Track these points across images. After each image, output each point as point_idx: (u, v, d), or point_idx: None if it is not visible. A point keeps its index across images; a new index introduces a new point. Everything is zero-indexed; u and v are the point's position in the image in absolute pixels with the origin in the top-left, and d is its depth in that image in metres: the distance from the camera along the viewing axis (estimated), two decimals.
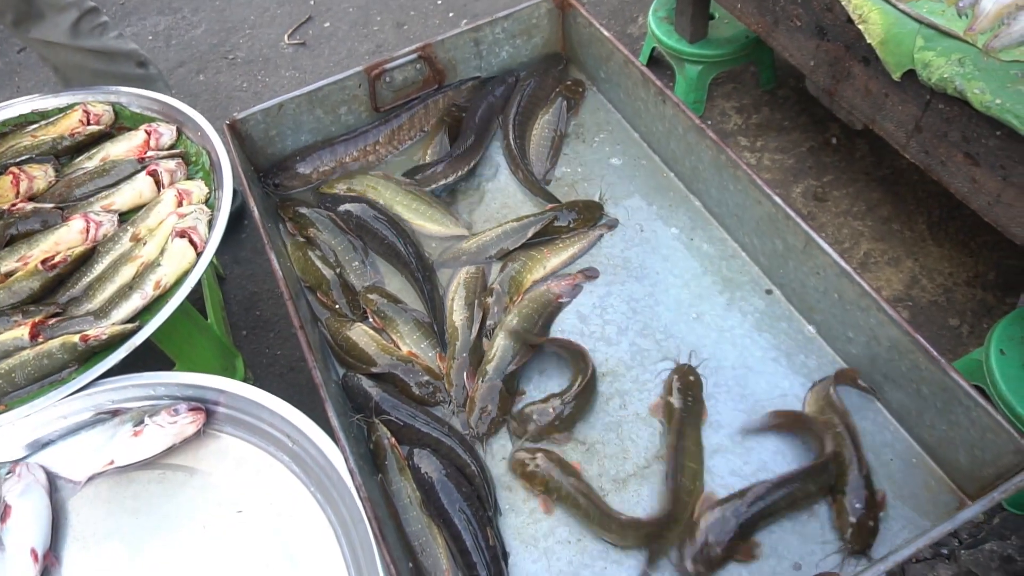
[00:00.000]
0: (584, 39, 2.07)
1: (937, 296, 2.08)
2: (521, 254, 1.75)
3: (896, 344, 1.36)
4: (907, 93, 1.53)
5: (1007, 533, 1.67)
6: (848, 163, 2.40)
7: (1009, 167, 1.37)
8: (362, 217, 1.84)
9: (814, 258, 1.48)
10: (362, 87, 1.99)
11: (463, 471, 1.44)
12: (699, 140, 1.69)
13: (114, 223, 1.76)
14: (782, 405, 1.49)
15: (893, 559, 1.10)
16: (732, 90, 2.68)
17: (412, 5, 3.37)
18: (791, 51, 1.80)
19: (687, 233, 1.78)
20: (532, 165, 1.95)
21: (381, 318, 1.68)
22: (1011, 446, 1.21)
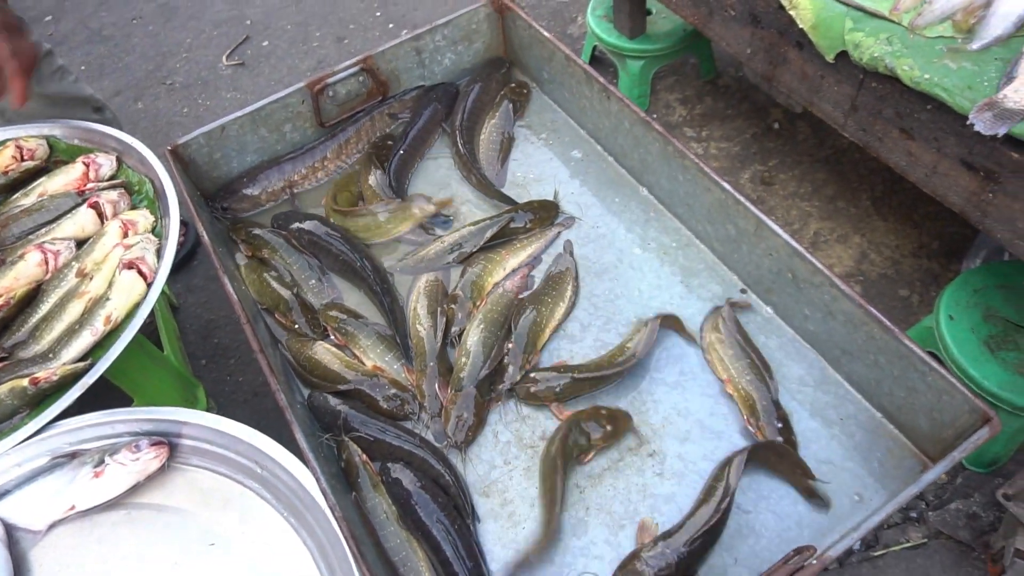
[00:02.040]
0: (525, 41, 2.09)
1: (886, 269, 2.14)
2: (480, 257, 1.75)
3: (851, 317, 1.39)
4: (841, 74, 1.57)
5: (970, 491, 1.73)
6: (791, 147, 2.46)
7: (942, 139, 1.42)
8: (315, 234, 1.81)
9: (766, 240, 1.51)
10: (305, 103, 1.97)
11: (438, 482, 1.43)
12: (646, 133, 1.72)
13: (71, 249, 1.70)
14: None
15: (865, 526, 1.13)
16: (675, 83, 2.72)
17: (351, 19, 3.35)
18: (727, 40, 1.84)
19: (641, 226, 1.80)
20: (484, 169, 1.95)
21: (343, 334, 1.66)
22: (967, 406, 1.25)
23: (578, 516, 1.40)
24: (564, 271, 1.71)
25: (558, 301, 1.65)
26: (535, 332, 1.60)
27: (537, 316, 1.61)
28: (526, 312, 1.62)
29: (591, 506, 1.41)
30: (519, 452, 1.49)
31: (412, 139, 2.00)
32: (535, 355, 1.59)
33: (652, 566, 1.25)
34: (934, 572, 1.64)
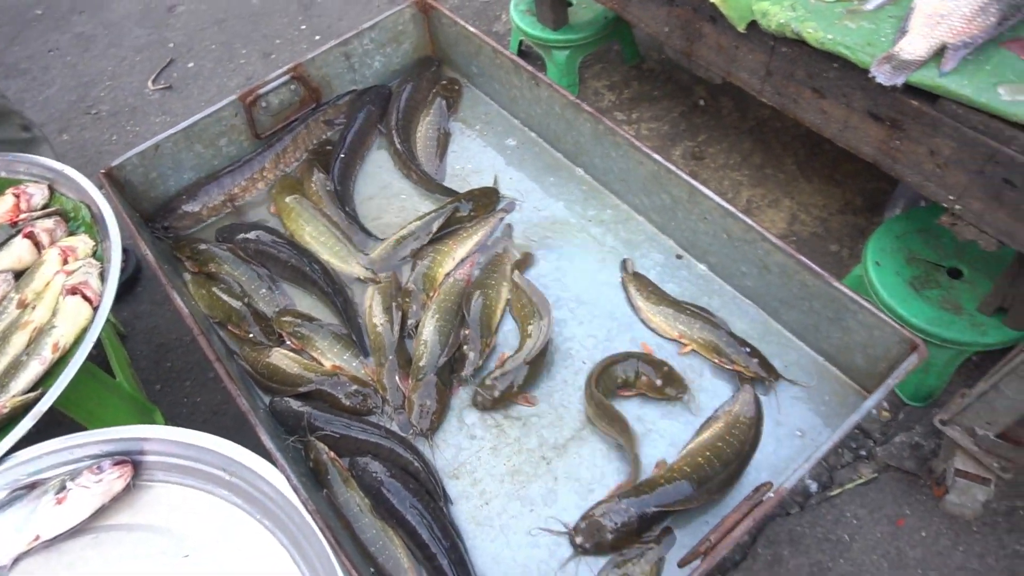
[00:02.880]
0: (452, 39, 2.13)
1: (816, 228, 2.25)
2: (429, 250, 1.78)
3: (784, 268, 1.47)
4: (753, 43, 1.66)
5: (911, 424, 1.83)
6: (717, 121, 2.56)
7: (849, 94, 1.52)
8: (261, 243, 1.81)
9: (699, 204, 1.58)
10: (239, 116, 1.97)
11: (407, 469, 1.46)
12: (576, 115, 1.77)
13: (9, 281, 1.66)
14: None
15: (814, 457, 1.20)
16: (601, 70, 2.80)
17: (276, 34, 3.34)
18: (646, 21, 1.92)
19: (581, 205, 1.85)
20: (423, 165, 1.98)
21: (298, 339, 1.67)
22: (895, 337, 1.34)
23: (547, 486, 1.44)
24: (501, 253, 1.75)
25: (501, 282, 1.69)
26: (487, 315, 1.64)
27: (485, 300, 1.65)
28: (475, 298, 1.65)
29: (559, 476, 1.45)
30: (484, 433, 1.52)
31: (350, 143, 2.01)
32: (492, 337, 1.63)
33: (613, 520, 1.30)
34: (886, 502, 1.73)
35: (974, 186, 1.39)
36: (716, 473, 1.32)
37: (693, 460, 1.35)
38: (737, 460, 1.34)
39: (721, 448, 1.35)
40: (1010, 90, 1.31)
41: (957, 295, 1.74)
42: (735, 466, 1.34)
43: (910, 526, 1.70)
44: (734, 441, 1.36)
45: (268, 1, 3.52)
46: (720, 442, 1.36)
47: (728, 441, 1.36)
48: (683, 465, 1.35)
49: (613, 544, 1.31)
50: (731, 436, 1.36)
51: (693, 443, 1.40)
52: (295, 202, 1.90)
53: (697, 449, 1.37)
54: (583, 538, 1.32)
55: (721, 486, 1.33)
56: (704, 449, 1.36)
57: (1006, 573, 1.61)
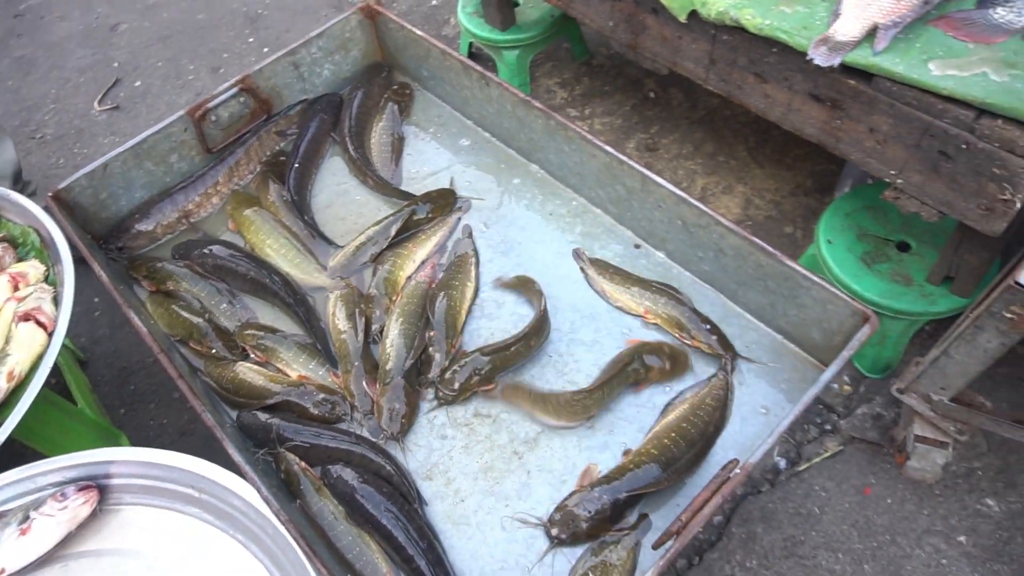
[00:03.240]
0: (400, 43, 2.13)
1: (770, 211, 2.30)
2: (389, 254, 1.78)
3: (738, 250, 1.51)
4: (696, 32, 1.69)
5: (872, 396, 1.88)
6: (668, 112, 2.60)
7: (790, 77, 1.56)
8: (219, 258, 1.80)
9: (653, 193, 1.61)
10: (188, 131, 1.94)
11: (380, 474, 1.45)
12: (528, 112, 1.79)
13: None
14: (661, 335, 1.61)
15: (777, 431, 1.22)
16: (552, 68, 2.82)
17: (223, 48, 3.30)
18: (591, 17, 1.94)
19: (538, 201, 1.87)
20: (379, 170, 1.98)
21: (262, 351, 1.65)
22: (848, 310, 1.38)
23: (521, 481, 1.45)
24: (464, 254, 1.76)
25: (465, 282, 1.70)
26: (452, 316, 1.64)
27: (450, 301, 1.66)
28: (439, 299, 1.66)
29: (532, 469, 1.46)
30: (455, 432, 1.53)
31: (304, 152, 2.00)
32: (458, 338, 1.63)
33: (586, 508, 1.31)
34: (852, 473, 1.78)
35: (913, 160, 1.44)
36: (683, 453, 1.35)
37: (660, 442, 1.37)
38: (702, 440, 1.37)
39: (686, 429, 1.38)
40: (940, 65, 1.36)
41: (906, 267, 1.79)
42: (701, 445, 1.36)
43: (876, 494, 1.74)
44: (698, 421, 1.38)
45: (214, 16, 3.48)
46: (685, 423, 1.38)
47: (693, 422, 1.38)
48: (650, 448, 1.37)
49: (589, 532, 1.32)
50: (695, 417, 1.39)
51: (659, 425, 1.43)
52: (254, 215, 1.89)
53: (663, 431, 1.39)
54: (559, 529, 1.33)
55: (689, 465, 1.36)
56: (670, 431, 1.38)
57: (969, 531, 1.67)
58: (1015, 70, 1.33)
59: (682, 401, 1.46)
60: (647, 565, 1.30)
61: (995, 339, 1.33)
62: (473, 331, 1.67)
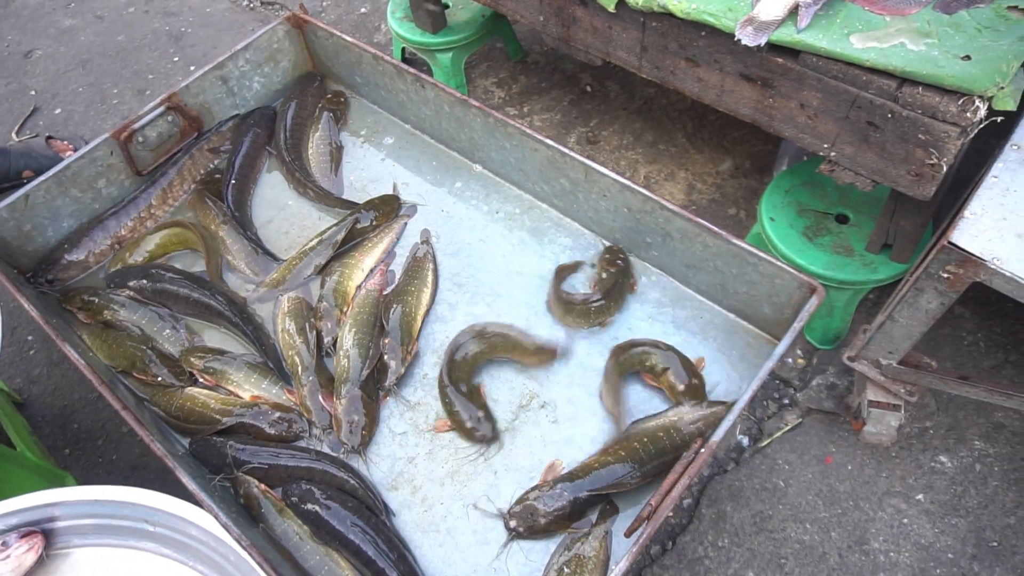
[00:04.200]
0: (330, 51, 2.09)
1: (713, 195, 2.34)
2: (335, 264, 1.74)
3: (685, 233, 1.52)
4: (625, 21, 1.70)
5: (825, 367, 1.92)
6: (606, 105, 2.62)
7: (721, 60, 1.58)
8: (158, 281, 1.73)
9: (597, 183, 1.61)
10: (115, 154, 1.87)
11: (343, 488, 1.42)
12: (465, 112, 1.78)
13: None
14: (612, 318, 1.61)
15: (736, 408, 1.24)
16: (487, 68, 2.82)
17: (148, 68, 3.19)
18: (520, 13, 1.94)
19: (484, 200, 1.86)
20: (319, 181, 1.94)
21: (211, 374, 1.60)
22: (795, 283, 1.40)
23: (489, 482, 1.43)
24: (421, 258, 1.73)
25: (421, 288, 1.67)
26: (407, 323, 1.62)
27: (405, 307, 1.63)
28: (394, 306, 1.63)
29: (498, 469, 1.44)
30: (417, 439, 1.50)
31: (240, 168, 1.95)
32: (413, 345, 1.60)
33: (547, 504, 1.30)
34: (812, 443, 1.81)
35: (843, 132, 1.48)
36: (650, 460, 1.34)
37: (629, 445, 1.36)
38: (672, 454, 1.35)
39: (661, 439, 1.37)
40: (860, 38, 1.40)
41: (847, 238, 1.84)
42: (669, 459, 1.34)
43: (837, 462, 1.78)
44: (677, 438, 1.37)
45: (134, 36, 3.36)
46: (662, 433, 1.37)
47: (672, 436, 1.37)
48: (619, 449, 1.36)
49: (546, 528, 1.31)
50: (676, 433, 1.37)
51: (636, 428, 1.41)
52: None
53: (636, 435, 1.39)
54: (517, 522, 1.32)
55: (653, 473, 1.35)
56: (643, 435, 1.37)
57: (926, 488, 1.72)
58: (930, 39, 1.37)
59: (670, 411, 1.44)
60: (621, 553, 1.30)
61: (935, 299, 1.37)
62: (428, 335, 1.65)
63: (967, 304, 1.98)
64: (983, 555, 1.63)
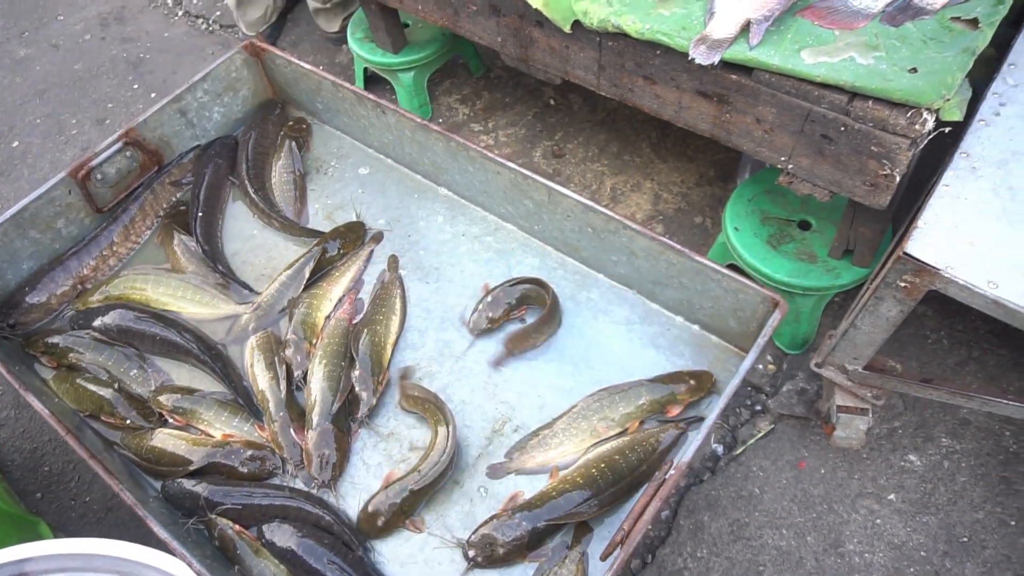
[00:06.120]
0: (290, 78, 2.08)
1: (679, 204, 2.36)
2: (304, 296, 1.73)
3: (649, 251, 1.53)
4: (582, 41, 1.71)
5: (795, 372, 1.95)
6: (570, 117, 2.63)
7: (677, 77, 1.60)
8: (123, 322, 1.71)
9: (560, 204, 1.62)
10: (73, 193, 1.84)
11: (319, 525, 1.41)
12: (427, 136, 1.78)
13: None
14: (582, 337, 1.62)
15: (705, 426, 1.25)
16: (451, 85, 2.82)
17: (108, 97, 3.15)
18: (479, 34, 1.94)
19: (450, 223, 1.86)
20: (283, 211, 1.93)
21: (181, 414, 1.58)
22: (758, 297, 1.42)
23: (465, 510, 1.43)
24: (389, 286, 1.73)
25: (390, 316, 1.67)
26: (377, 352, 1.61)
27: (374, 336, 1.63)
28: (363, 336, 1.62)
29: (474, 497, 1.45)
30: (392, 469, 1.50)
31: (205, 199, 1.93)
32: (384, 374, 1.60)
33: (505, 534, 1.31)
34: (786, 449, 1.84)
35: (799, 145, 1.50)
36: (608, 486, 1.35)
37: (587, 471, 1.37)
38: (631, 477, 1.36)
39: (618, 462, 1.38)
40: (811, 53, 1.42)
41: (810, 245, 1.87)
42: (627, 483, 1.36)
43: (810, 467, 1.80)
44: (633, 458, 1.38)
45: (92, 65, 3.32)
46: (619, 455, 1.39)
47: (627, 457, 1.38)
48: (576, 476, 1.37)
49: (505, 557, 1.32)
50: (632, 452, 1.39)
51: (593, 453, 1.42)
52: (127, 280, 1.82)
53: (594, 460, 1.40)
54: (475, 551, 1.32)
55: (612, 500, 1.36)
56: (600, 460, 1.38)
57: (897, 488, 1.75)
58: (878, 52, 1.40)
59: (631, 434, 1.45)
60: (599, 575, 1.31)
61: (894, 307, 1.39)
62: (398, 363, 1.64)
63: (930, 303, 2.02)
64: (954, 551, 1.66)
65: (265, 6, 2.94)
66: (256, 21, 2.97)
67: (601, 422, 1.44)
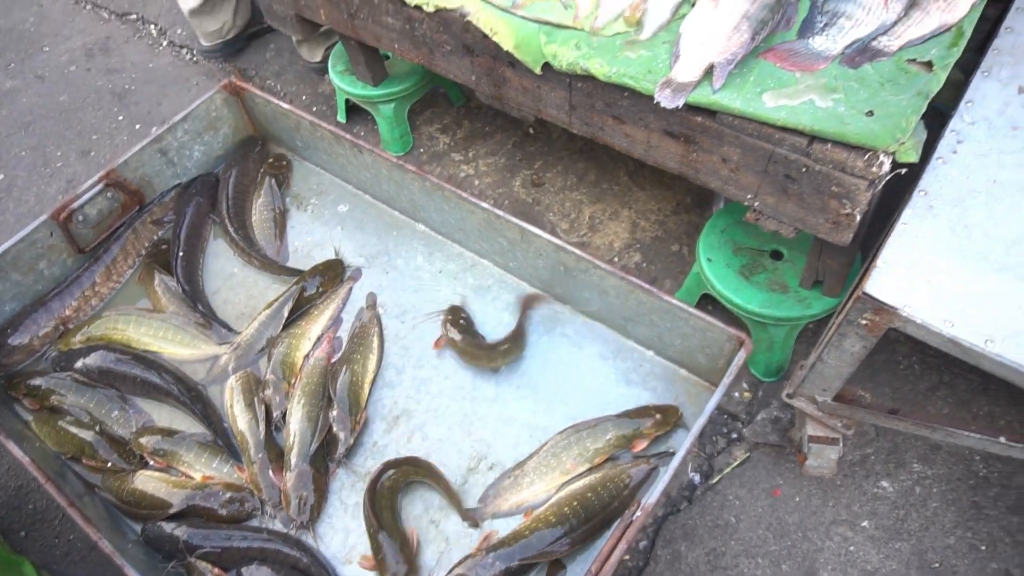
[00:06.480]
0: (269, 116, 2.11)
1: (656, 232, 2.39)
2: (283, 335, 1.76)
3: (619, 290, 1.57)
4: (553, 82, 1.75)
5: (769, 400, 1.98)
6: (549, 146, 2.67)
7: (645, 118, 1.63)
8: (104, 364, 1.73)
9: (532, 243, 1.65)
10: (55, 235, 1.87)
11: (297, 567, 1.43)
12: (403, 175, 1.81)
13: None
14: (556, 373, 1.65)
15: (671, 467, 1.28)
16: (432, 115, 2.85)
17: (92, 129, 3.18)
18: (453, 72, 1.98)
19: (427, 259, 1.89)
20: (263, 249, 1.96)
21: (161, 456, 1.60)
22: (724, 336, 1.45)
23: (440, 549, 1.45)
24: (366, 324, 1.76)
25: (367, 354, 1.69)
26: (355, 392, 1.64)
27: (352, 376, 1.65)
28: (341, 375, 1.65)
29: (450, 536, 1.47)
30: None
31: (186, 238, 1.96)
32: (362, 414, 1.62)
33: (478, 574, 1.33)
34: (761, 478, 1.87)
35: (764, 184, 1.54)
36: (580, 524, 1.38)
37: (559, 510, 1.40)
38: (603, 514, 1.39)
39: (590, 499, 1.40)
40: (772, 96, 1.46)
41: (781, 275, 1.90)
42: (599, 521, 1.38)
43: (785, 495, 1.83)
44: (605, 495, 1.40)
45: (78, 96, 3.34)
46: (591, 493, 1.41)
47: (599, 494, 1.40)
48: (549, 515, 1.40)
49: None
50: (603, 489, 1.41)
51: (565, 490, 1.45)
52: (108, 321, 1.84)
53: (566, 498, 1.42)
54: None
55: (584, 537, 1.38)
56: (572, 498, 1.41)
57: (870, 515, 1.78)
58: (837, 94, 1.44)
59: (599, 467, 1.47)
60: None
61: (857, 343, 1.43)
62: (376, 401, 1.67)
63: None
64: None
65: (223, 21, 2.99)
66: (212, 34, 3.03)
67: (570, 459, 1.46)
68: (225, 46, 3.13)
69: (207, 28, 3.03)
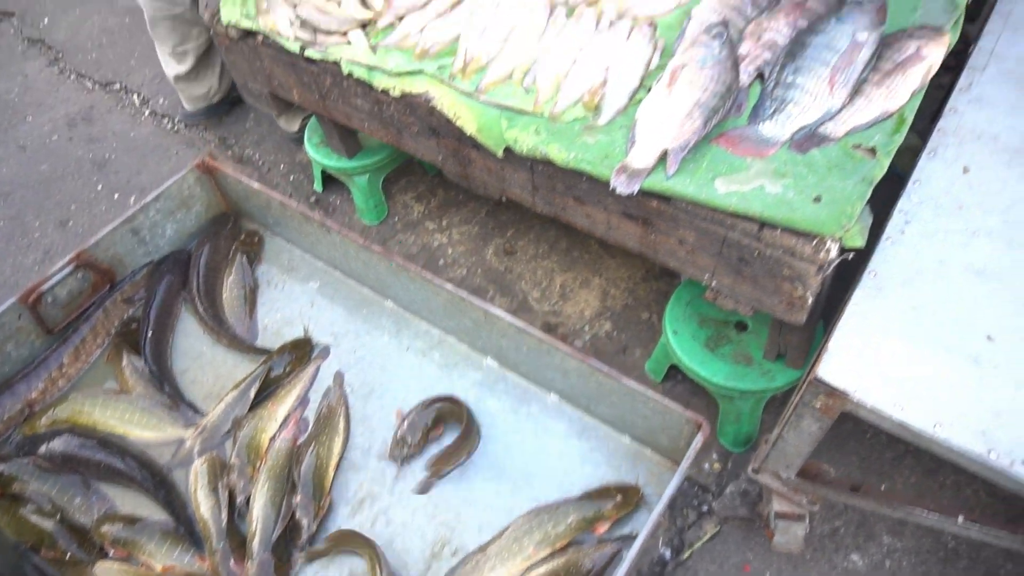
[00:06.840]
0: (241, 194, 2.15)
1: (626, 299, 2.42)
2: (249, 416, 1.75)
3: (580, 371, 1.58)
4: (515, 164, 1.80)
5: (739, 471, 1.99)
6: (521, 215, 2.72)
7: (604, 201, 1.68)
8: (67, 449, 1.72)
9: (495, 324, 1.67)
10: (23, 317, 1.87)
11: None
12: (369, 256, 1.84)
13: None
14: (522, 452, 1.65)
15: (630, 557, 1.28)
16: (406, 184, 2.91)
17: (71, 199, 3.20)
18: (421, 151, 2.03)
19: (395, 336, 1.90)
20: (233, 328, 1.97)
21: (122, 545, 1.58)
22: (683, 419, 1.47)
23: None
24: (333, 404, 1.76)
25: (333, 436, 1.69)
26: (319, 475, 1.63)
27: (317, 459, 1.65)
28: (305, 458, 1.65)
29: None
30: None
31: (156, 317, 1.97)
32: (326, 498, 1.62)
33: None
34: (731, 552, 1.86)
35: (719, 266, 1.57)
36: None
37: None
38: None
39: None
40: (724, 182, 1.51)
41: (746, 346, 1.93)
42: None
43: (755, 570, 1.82)
44: None
45: (58, 165, 3.38)
46: None
47: None
48: None
49: None
50: (566, 574, 1.41)
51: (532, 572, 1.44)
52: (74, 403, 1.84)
53: None
54: None
55: None
56: None
57: None
58: (786, 179, 1.49)
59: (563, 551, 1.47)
60: None
61: (814, 424, 1.44)
62: (341, 484, 1.66)
63: None
64: None
65: (208, 86, 3.07)
66: (198, 98, 3.10)
67: (532, 544, 1.46)
68: (209, 110, 3.20)
69: (193, 93, 3.10)
